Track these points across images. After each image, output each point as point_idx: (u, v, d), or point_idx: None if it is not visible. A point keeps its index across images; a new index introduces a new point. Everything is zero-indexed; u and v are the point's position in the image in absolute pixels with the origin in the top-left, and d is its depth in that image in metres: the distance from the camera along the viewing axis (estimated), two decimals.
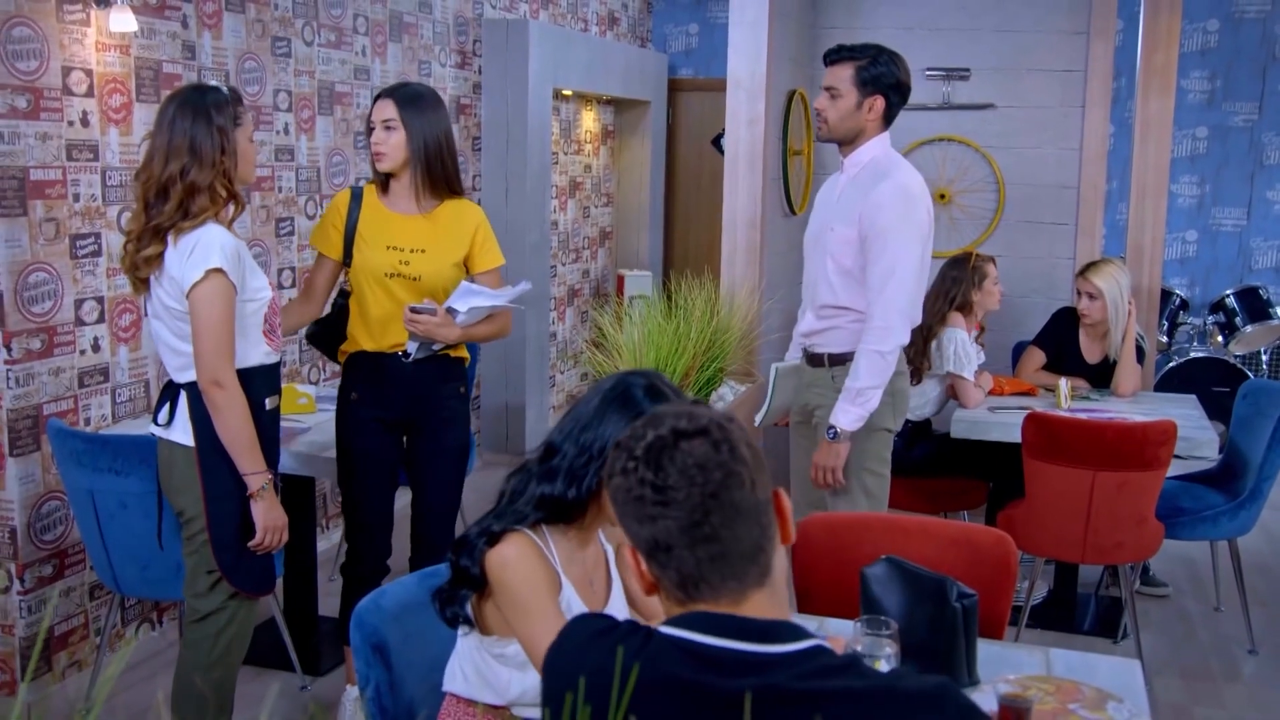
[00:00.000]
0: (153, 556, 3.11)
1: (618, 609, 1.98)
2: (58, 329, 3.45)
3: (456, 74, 5.71)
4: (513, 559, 1.80)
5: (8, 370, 3.30)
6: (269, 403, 2.78)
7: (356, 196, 3.16)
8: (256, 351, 2.74)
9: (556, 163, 6.72)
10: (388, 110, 3.06)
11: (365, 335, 3.15)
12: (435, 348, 3.12)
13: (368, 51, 4.96)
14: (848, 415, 3.12)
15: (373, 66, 5.00)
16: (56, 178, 3.42)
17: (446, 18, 5.58)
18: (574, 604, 1.86)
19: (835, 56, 3.17)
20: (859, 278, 3.16)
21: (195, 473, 2.68)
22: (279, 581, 3.64)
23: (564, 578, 1.86)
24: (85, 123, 3.51)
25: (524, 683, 1.87)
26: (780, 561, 1.35)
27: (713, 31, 7.92)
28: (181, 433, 2.70)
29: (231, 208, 2.69)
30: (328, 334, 3.28)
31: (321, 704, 3.48)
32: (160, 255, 2.61)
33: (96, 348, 3.60)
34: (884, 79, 3.13)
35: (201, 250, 2.58)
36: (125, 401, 3.73)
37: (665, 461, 1.29)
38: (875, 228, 3.09)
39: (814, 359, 3.33)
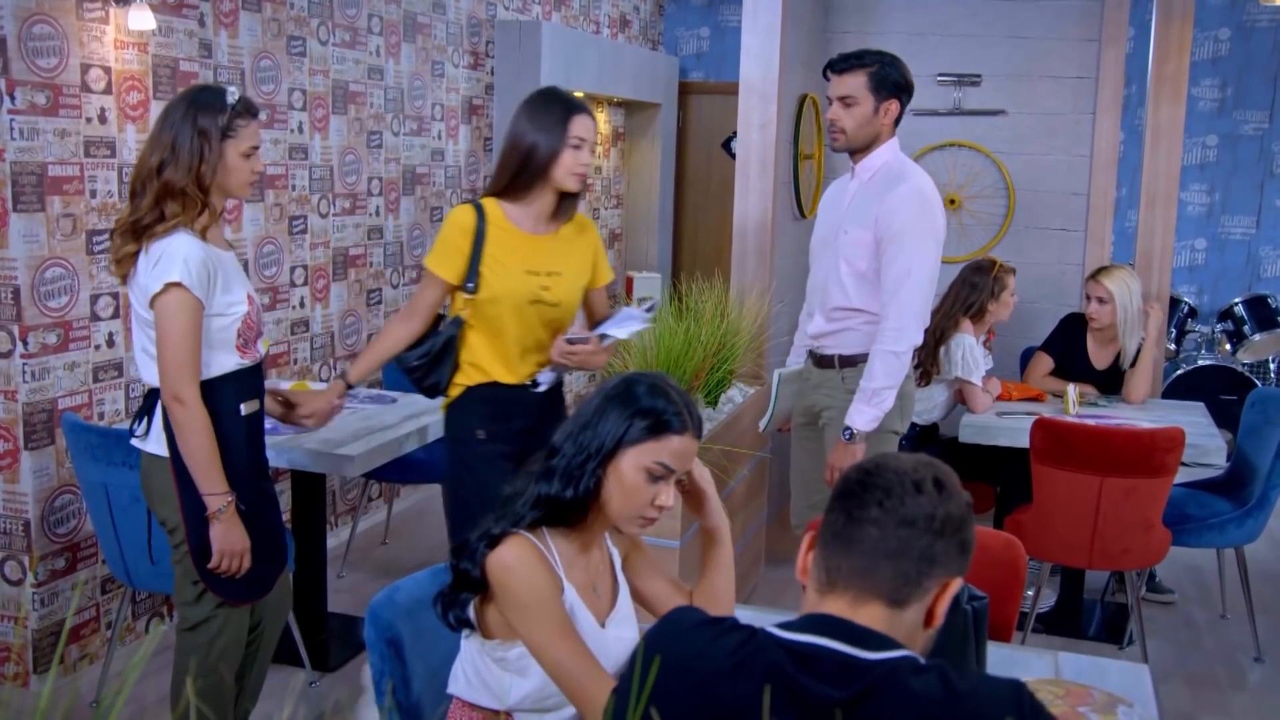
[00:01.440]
0: (164, 551, 3.12)
1: (623, 615, 1.93)
2: (73, 324, 3.48)
3: (469, 75, 5.73)
4: (513, 562, 1.76)
5: (24, 364, 3.32)
6: (245, 408, 2.64)
7: (480, 214, 2.87)
8: (227, 361, 2.61)
9: None
10: (593, 130, 2.88)
11: (502, 367, 2.91)
12: (564, 375, 2.99)
13: (381, 51, 4.98)
14: (863, 416, 3.14)
15: (386, 66, 5.02)
16: (74, 174, 3.44)
17: (460, 19, 5.60)
18: (576, 608, 1.81)
19: (843, 65, 3.17)
20: (873, 280, 3.18)
21: (173, 484, 2.60)
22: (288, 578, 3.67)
23: (565, 581, 1.81)
24: (103, 119, 3.53)
25: (524, 688, 1.82)
26: (914, 624, 1.38)
27: (724, 35, 7.94)
28: (156, 444, 2.62)
29: (205, 216, 2.56)
30: (433, 368, 2.96)
31: (338, 701, 3.50)
32: (134, 256, 2.53)
33: (111, 343, 3.62)
34: (896, 82, 3.15)
35: (165, 261, 2.47)
36: (139, 397, 3.75)
37: (891, 481, 1.37)
38: (891, 231, 3.11)
39: (823, 360, 3.35)
